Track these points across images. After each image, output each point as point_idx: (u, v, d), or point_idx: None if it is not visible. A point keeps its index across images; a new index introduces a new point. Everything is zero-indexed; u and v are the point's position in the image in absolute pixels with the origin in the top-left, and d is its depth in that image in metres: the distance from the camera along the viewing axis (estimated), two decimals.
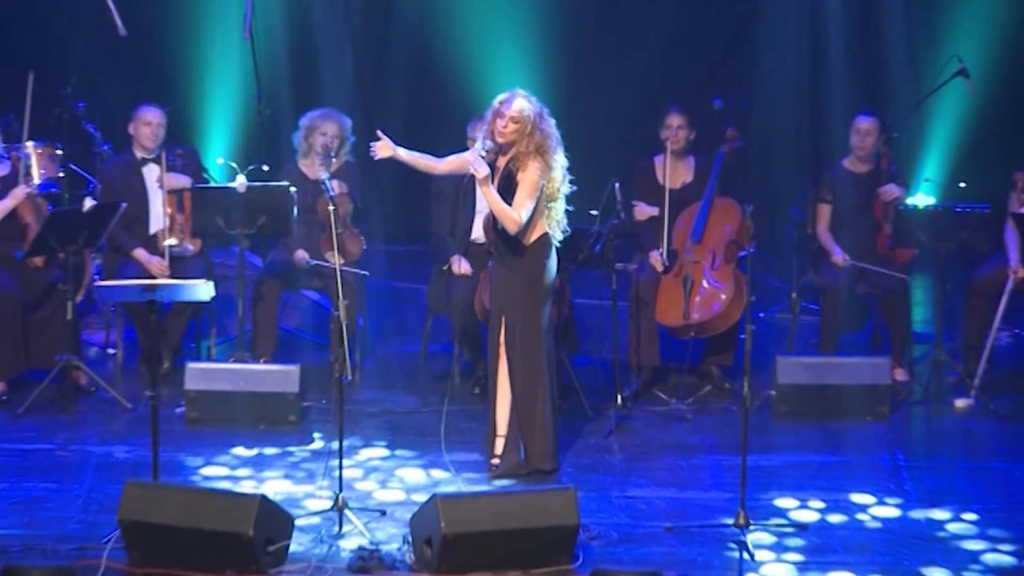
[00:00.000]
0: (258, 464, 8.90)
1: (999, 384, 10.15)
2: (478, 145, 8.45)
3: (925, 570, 7.53)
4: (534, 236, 8.46)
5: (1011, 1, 12.72)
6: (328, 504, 8.02)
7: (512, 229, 8.37)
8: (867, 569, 7.53)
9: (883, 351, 10.49)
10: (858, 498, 8.40)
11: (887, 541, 7.90)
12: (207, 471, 8.82)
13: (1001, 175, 10.56)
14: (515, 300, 8.53)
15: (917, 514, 8.20)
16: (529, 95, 8.44)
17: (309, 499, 8.31)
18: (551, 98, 8.61)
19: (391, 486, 8.58)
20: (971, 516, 8.14)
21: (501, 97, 8.43)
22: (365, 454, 9.02)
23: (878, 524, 8.12)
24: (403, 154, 8.59)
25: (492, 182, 8.34)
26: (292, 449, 9.11)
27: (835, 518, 8.18)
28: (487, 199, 8.37)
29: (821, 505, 8.32)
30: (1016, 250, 10.08)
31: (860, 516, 8.20)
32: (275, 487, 8.49)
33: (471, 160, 8.35)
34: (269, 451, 9.08)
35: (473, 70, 12.79)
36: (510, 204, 8.33)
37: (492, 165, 8.38)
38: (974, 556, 7.69)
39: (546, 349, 8.57)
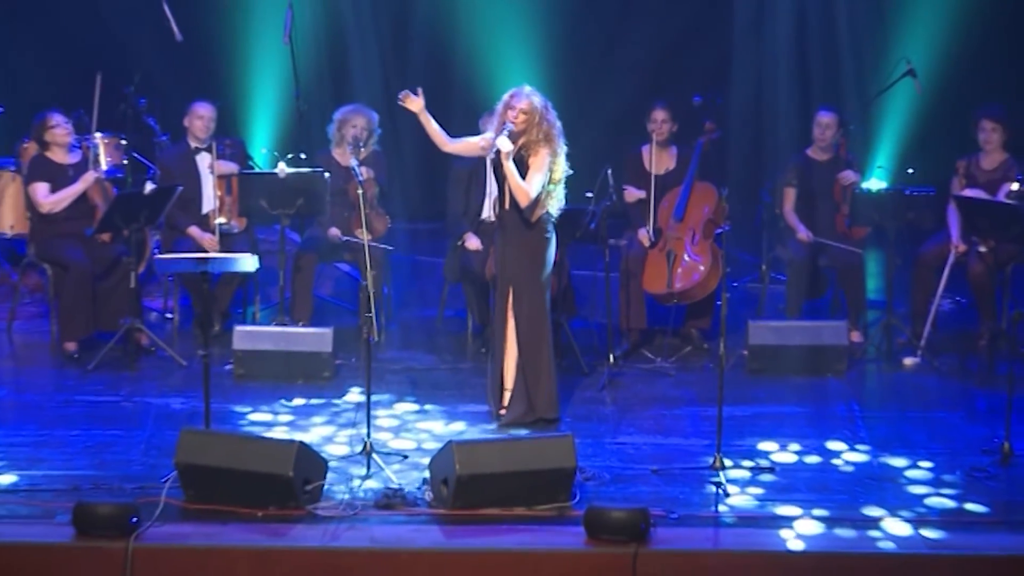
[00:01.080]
0: (296, 413, 8.88)
1: (942, 345, 10.10)
2: (489, 134, 8.43)
3: (868, 509, 7.50)
4: (539, 214, 8.42)
5: (953, 8, 12.63)
6: (358, 449, 8.00)
7: (523, 202, 8.32)
8: (818, 505, 7.50)
9: (841, 316, 10.44)
10: (820, 443, 8.37)
11: (844, 481, 7.88)
12: (253, 417, 8.80)
13: (945, 162, 10.51)
14: (522, 271, 8.48)
15: (871, 459, 8.17)
16: (535, 90, 8.40)
17: (341, 445, 8.29)
18: (552, 95, 8.54)
19: (412, 434, 8.55)
20: (920, 462, 8.11)
21: (511, 92, 8.39)
22: (391, 407, 8.99)
23: (842, 467, 8.08)
24: (424, 117, 8.43)
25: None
26: (325, 401, 9.08)
27: (799, 460, 8.16)
28: (507, 172, 8.31)
29: (790, 448, 8.29)
30: (957, 228, 10.03)
31: (819, 459, 8.18)
32: (312, 434, 8.46)
33: (496, 138, 8.29)
34: (307, 402, 9.06)
35: (484, 70, 12.73)
36: None
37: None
38: (920, 498, 7.66)
39: (548, 314, 8.53)
